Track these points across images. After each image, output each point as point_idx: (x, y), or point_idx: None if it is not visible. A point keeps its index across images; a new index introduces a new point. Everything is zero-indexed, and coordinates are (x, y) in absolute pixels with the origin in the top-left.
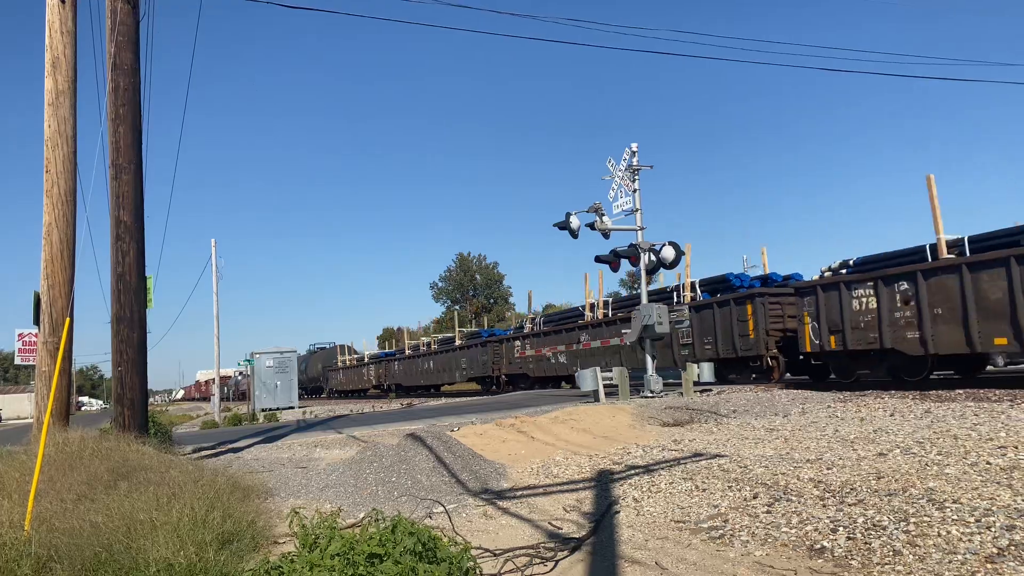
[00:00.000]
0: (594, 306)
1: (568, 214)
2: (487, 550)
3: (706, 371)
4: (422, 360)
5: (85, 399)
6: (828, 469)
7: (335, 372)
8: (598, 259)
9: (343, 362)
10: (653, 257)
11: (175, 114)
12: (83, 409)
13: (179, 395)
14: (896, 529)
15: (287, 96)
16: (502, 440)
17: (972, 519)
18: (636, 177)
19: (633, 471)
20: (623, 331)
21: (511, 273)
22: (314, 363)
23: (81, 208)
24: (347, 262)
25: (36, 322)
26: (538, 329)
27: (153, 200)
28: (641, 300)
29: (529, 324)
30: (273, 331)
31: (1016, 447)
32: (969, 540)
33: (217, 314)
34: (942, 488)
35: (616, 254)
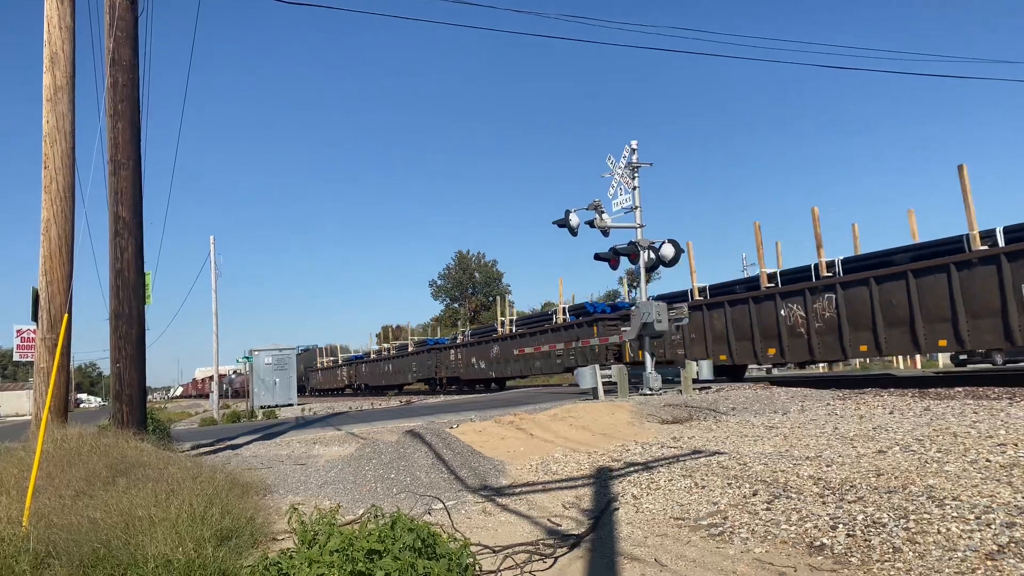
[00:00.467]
0: (503, 323)
1: (567, 211)
2: (486, 546)
3: (705, 369)
4: (383, 363)
5: (84, 396)
6: (828, 466)
7: (315, 372)
8: (597, 257)
9: (322, 363)
10: (652, 255)
11: (174, 108)
12: (82, 406)
13: (177, 392)
14: (896, 526)
15: (286, 92)
16: (501, 437)
17: (972, 516)
18: (636, 174)
19: (632, 468)
20: (524, 347)
21: (510, 271)
22: (297, 364)
23: (80, 204)
24: (347, 259)
25: (34, 318)
26: (466, 340)
27: (152, 195)
28: (639, 299)
29: (460, 336)
30: (272, 328)
31: (1016, 444)
32: (969, 537)
33: (216, 311)
34: (942, 485)
35: (615, 252)
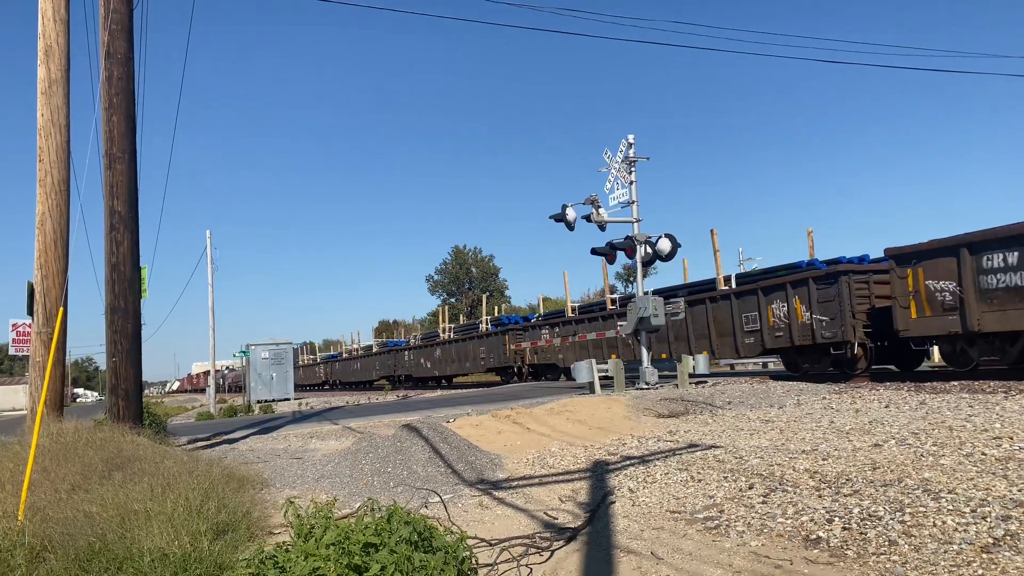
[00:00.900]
0: (444, 329)
1: (564, 206)
2: (483, 540)
3: (700, 363)
4: (353, 362)
5: (80, 391)
6: (824, 460)
7: (296, 369)
8: (594, 251)
9: (302, 361)
10: (649, 249)
11: (170, 102)
12: (78, 401)
13: (174, 387)
14: (892, 519)
15: (283, 87)
16: (498, 431)
17: (968, 509)
18: (633, 169)
19: (628, 462)
20: (458, 351)
21: (507, 266)
22: None
23: (75, 198)
24: (344, 254)
25: (30, 312)
26: (416, 343)
27: (148, 188)
28: (637, 293)
29: (413, 339)
30: (269, 323)
31: (1011, 438)
32: (965, 530)
33: (212, 306)
34: (937, 479)
35: (612, 246)
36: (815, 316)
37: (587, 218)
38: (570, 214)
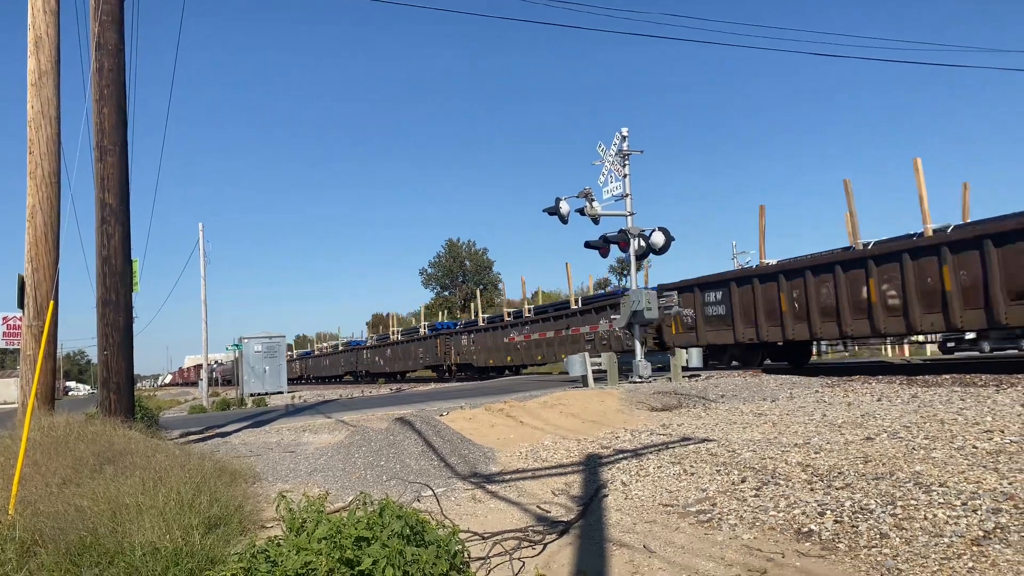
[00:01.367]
0: (393, 332)
1: (558, 199)
2: (476, 533)
3: (694, 357)
4: (323, 359)
5: (73, 384)
6: (816, 453)
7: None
8: (587, 245)
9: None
10: (643, 243)
11: (163, 94)
12: (71, 394)
13: (167, 380)
14: (883, 512)
15: (276, 78)
16: (491, 425)
17: (958, 502)
18: (626, 162)
19: (621, 455)
20: (403, 350)
21: (501, 259)
22: None
23: (66, 190)
24: (339, 246)
25: (20, 305)
26: (373, 343)
27: (141, 180)
28: (631, 287)
29: (369, 339)
30: (263, 316)
31: (1002, 431)
32: (955, 523)
33: (205, 299)
34: (929, 472)
35: (605, 240)
36: None
37: (581, 211)
38: (563, 207)
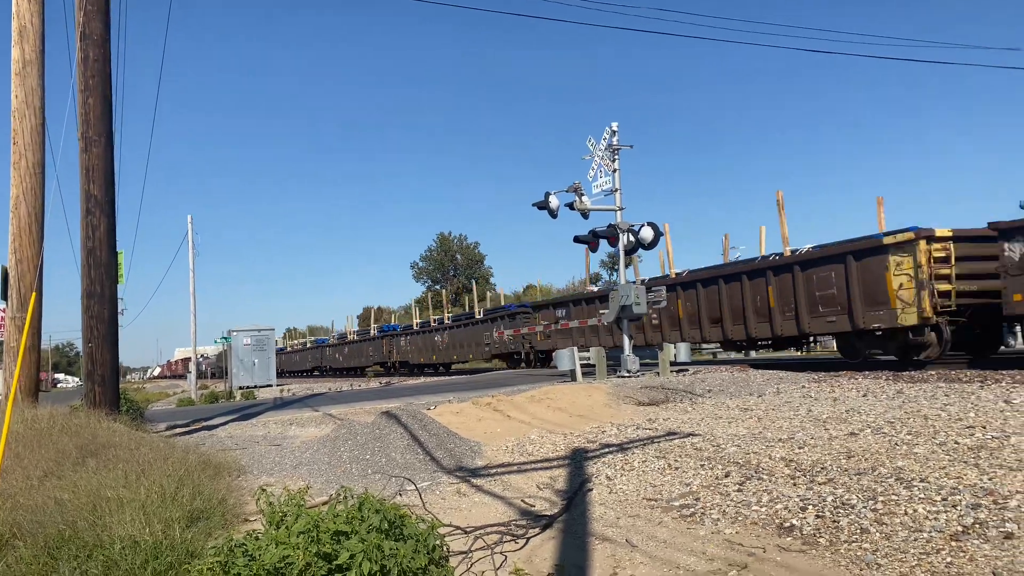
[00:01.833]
0: (349, 332)
1: (547, 194)
2: (458, 527)
3: (682, 351)
4: (294, 355)
5: (61, 376)
6: (800, 448)
7: None
8: (577, 239)
9: None
10: (632, 238)
11: (151, 81)
12: (59, 386)
13: (155, 373)
14: (864, 507)
15: (267, 69)
16: (478, 419)
17: (939, 498)
18: (616, 157)
19: (607, 449)
20: (356, 349)
21: (492, 253)
22: None
23: (51, 180)
24: (330, 239)
25: (4, 297)
26: (334, 342)
27: (127, 171)
28: (619, 281)
29: (332, 338)
30: (252, 309)
31: (984, 427)
32: (935, 518)
33: (194, 291)
34: (910, 467)
35: (595, 234)
36: None
37: (570, 206)
38: (553, 202)
